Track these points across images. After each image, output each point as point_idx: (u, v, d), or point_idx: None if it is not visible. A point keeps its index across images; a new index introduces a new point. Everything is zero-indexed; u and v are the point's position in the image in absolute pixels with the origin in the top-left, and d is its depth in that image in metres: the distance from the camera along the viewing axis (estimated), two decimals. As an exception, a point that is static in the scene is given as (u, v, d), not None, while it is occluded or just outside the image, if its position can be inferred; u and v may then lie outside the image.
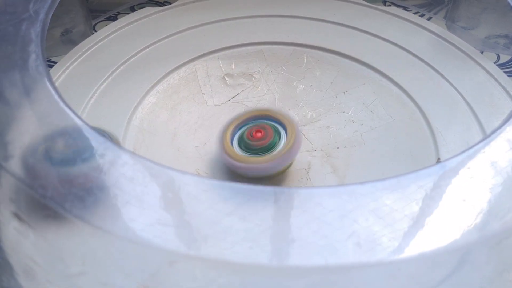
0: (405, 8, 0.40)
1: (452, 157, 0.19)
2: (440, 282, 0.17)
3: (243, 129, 0.28)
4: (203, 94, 0.34)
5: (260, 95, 0.34)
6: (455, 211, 0.17)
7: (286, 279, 0.17)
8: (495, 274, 0.18)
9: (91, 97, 0.32)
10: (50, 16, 0.24)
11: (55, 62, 0.34)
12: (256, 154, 0.27)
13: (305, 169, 0.30)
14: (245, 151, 0.27)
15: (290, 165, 0.29)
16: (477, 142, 0.20)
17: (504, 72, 0.33)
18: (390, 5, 0.40)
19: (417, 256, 0.16)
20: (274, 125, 0.28)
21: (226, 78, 0.35)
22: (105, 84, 0.33)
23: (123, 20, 0.37)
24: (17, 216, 0.18)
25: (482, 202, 0.18)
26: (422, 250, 0.16)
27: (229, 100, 0.34)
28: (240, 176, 0.28)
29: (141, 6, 0.40)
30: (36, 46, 0.22)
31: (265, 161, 0.26)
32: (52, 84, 0.20)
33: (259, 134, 0.27)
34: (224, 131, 0.28)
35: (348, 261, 0.16)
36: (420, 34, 0.36)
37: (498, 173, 0.19)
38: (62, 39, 0.36)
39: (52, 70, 0.33)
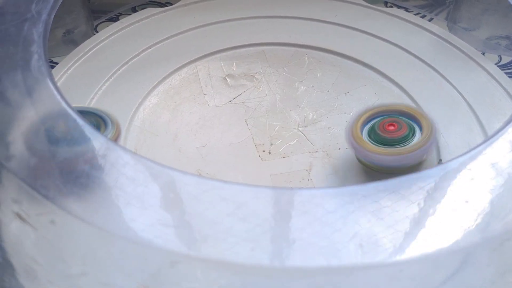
0: (406, 9, 0.40)
1: (454, 159, 0.19)
2: (442, 283, 0.17)
3: (374, 121, 0.28)
4: (205, 94, 0.34)
5: (262, 96, 0.34)
6: (457, 213, 0.17)
7: (287, 280, 0.17)
8: (497, 276, 0.18)
9: (93, 98, 0.32)
10: (52, 16, 0.24)
11: (57, 63, 0.34)
12: (387, 146, 0.27)
13: (306, 170, 0.30)
14: (375, 143, 0.27)
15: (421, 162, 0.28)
16: (479, 144, 0.20)
17: (506, 73, 0.33)
18: (391, 6, 0.40)
19: (419, 257, 0.16)
20: (407, 121, 0.28)
21: (228, 79, 0.35)
22: (106, 84, 0.33)
23: (124, 21, 0.37)
24: (18, 216, 0.18)
25: (484, 203, 0.18)
26: (423, 252, 0.16)
27: (230, 101, 0.34)
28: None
29: (143, 7, 0.40)
30: (38, 46, 0.22)
31: (403, 152, 0.26)
32: (54, 84, 0.20)
33: (391, 127, 0.27)
34: (355, 123, 0.27)
35: (350, 262, 0.16)
36: (421, 35, 0.36)
37: (499, 174, 0.19)
38: (64, 39, 0.36)
39: (53, 71, 0.33)
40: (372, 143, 0.27)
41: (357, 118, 0.28)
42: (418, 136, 0.27)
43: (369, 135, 0.27)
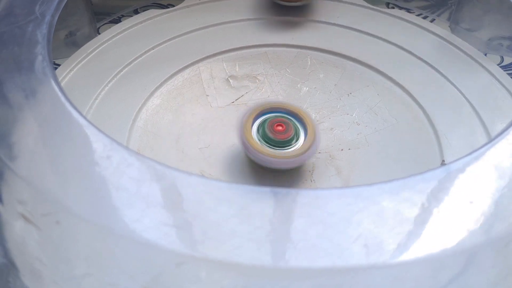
0: (408, 10, 0.40)
1: (457, 160, 0.19)
2: (446, 284, 0.17)
3: (262, 118, 0.29)
4: (207, 96, 0.34)
5: (264, 97, 0.34)
6: (461, 214, 0.17)
7: (291, 281, 0.17)
8: (501, 277, 0.18)
9: (96, 99, 0.32)
10: (56, 18, 0.24)
11: (59, 65, 0.34)
12: (276, 147, 0.28)
13: (309, 171, 0.30)
14: (264, 142, 0.28)
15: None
16: (482, 145, 0.20)
17: (508, 74, 0.33)
18: (393, 7, 0.40)
19: (423, 258, 0.16)
20: (292, 120, 0.29)
21: (230, 80, 0.35)
22: (109, 86, 0.33)
23: (127, 23, 0.37)
24: (23, 216, 0.18)
25: (488, 204, 0.18)
26: (428, 252, 0.16)
27: (233, 102, 0.34)
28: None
29: (145, 8, 0.40)
30: (42, 48, 0.22)
31: (295, 154, 0.27)
32: (59, 85, 0.20)
33: (280, 128, 0.28)
34: (245, 121, 0.28)
35: (354, 263, 0.16)
36: (423, 36, 0.36)
37: (503, 175, 0.19)
38: (66, 41, 0.36)
39: (56, 72, 0.33)
40: (260, 140, 0.28)
41: (250, 112, 0.29)
42: (301, 141, 0.28)
43: (257, 130, 0.28)
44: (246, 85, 0.35)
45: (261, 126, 0.28)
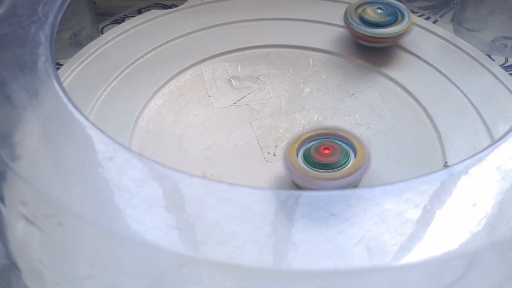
0: (411, 11, 0.40)
1: (460, 162, 0.19)
2: (448, 287, 0.17)
3: (308, 145, 0.27)
4: (209, 96, 0.34)
5: (266, 98, 0.34)
6: (463, 216, 0.17)
7: (292, 283, 0.17)
8: (504, 280, 0.18)
9: (98, 99, 0.32)
10: (59, 19, 0.24)
11: (62, 64, 0.34)
12: (321, 170, 0.26)
13: (311, 172, 0.29)
14: (310, 167, 0.26)
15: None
16: (485, 147, 0.19)
17: (511, 75, 0.33)
18: (396, 8, 0.40)
19: (425, 260, 0.16)
20: (341, 145, 0.27)
21: (232, 81, 0.35)
22: (111, 86, 0.33)
23: (129, 23, 0.37)
24: (25, 217, 0.18)
25: (491, 206, 0.18)
26: (430, 255, 0.16)
27: (235, 103, 0.34)
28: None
29: (148, 9, 0.40)
30: (45, 48, 0.22)
31: (336, 177, 0.25)
32: (61, 86, 0.21)
33: (326, 151, 0.26)
34: (290, 146, 0.27)
35: (356, 265, 0.16)
36: (426, 37, 0.36)
37: (506, 177, 0.18)
38: (70, 41, 0.36)
39: (59, 72, 0.33)
40: (307, 166, 0.26)
41: (292, 142, 0.27)
42: (352, 161, 0.26)
43: (304, 158, 0.26)
44: (248, 86, 0.35)
45: (307, 151, 0.26)
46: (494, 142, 0.20)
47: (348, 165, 0.26)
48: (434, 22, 0.39)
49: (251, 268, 0.16)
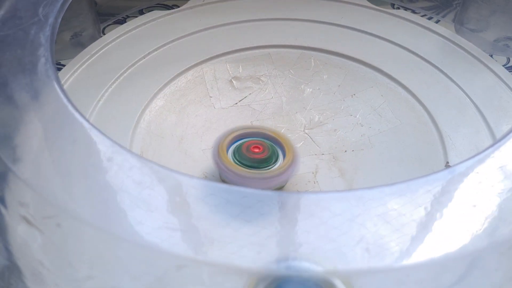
0: (413, 11, 0.40)
1: (461, 162, 0.19)
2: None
3: (238, 143, 0.27)
4: (211, 97, 0.34)
5: (268, 98, 0.34)
6: (464, 216, 0.17)
7: (293, 285, 0.17)
8: (505, 281, 0.18)
9: (99, 100, 0.32)
10: (59, 20, 0.24)
11: (64, 65, 0.34)
12: (252, 168, 0.26)
13: (313, 173, 0.29)
14: (241, 164, 0.26)
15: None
16: (487, 147, 0.19)
17: (514, 75, 0.33)
18: (398, 8, 0.40)
19: (426, 261, 0.16)
20: (270, 143, 0.27)
21: (234, 81, 0.35)
22: (113, 86, 0.33)
23: (131, 23, 0.37)
24: (25, 219, 0.18)
25: (492, 207, 0.17)
26: (430, 256, 0.16)
27: (236, 103, 0.34)
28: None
29: (150, 9, 0.40)
30: (45, 50, 0.22)
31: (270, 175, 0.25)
32: (61, 88, 0.21)
33: (256, 150, 0.27)
34: (220, 144, 0.27)
35: (356, 266, 0.16)
36: (428, 37, 0.36)
37: (508, 177, 0.18)
38: (72, 42, 0.36)
39: (60, 73, 0.33)
40: (237, 163, 0.26)
41: (223, 138, 0.27)
42: (280, 161, 0.26)
43: (234, 155, 0.27)
44: (250, 86, 0.35)
45: (237, 150, 0.27)
46: (496, 141, 0.20)
47: (276, 165, 0.26)
48: (437, 22, 0.39)
49: (251, 269, 0.16)
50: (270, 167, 0.26)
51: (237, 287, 0.17)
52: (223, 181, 0.28)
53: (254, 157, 0.26)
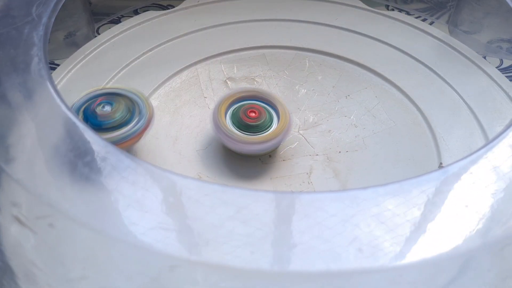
0: (407, 13, 0.40)
1: (455, 162, 0.19)
2: (442, 288, 0.17)
3: (235, 106, 0.30)
4: (205, 97, 0.34)
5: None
6: (458, 217, 0.17)
7: (287, 284, 0.17)
8: (498, 281, 0.18)
9: (94, 100, 0.32)
10: (53, 20, 0.24)
11: (58, 65, 0.34)
12: (250, 132, 0.29)
13: (307, 173, 0.29)
14: (238, 129, 0.29)
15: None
16: (480, 148, 0.19)
17: (507, 77, 0.33)
18: (392, 10, 0.40)
19: (419, 262, 0.16)
20: (265, 106, 0.30)
21: (228, 82, 0.35)
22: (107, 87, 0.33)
23: (126, 23, 0.37)
24: (17, 219, 0.18)
25: (485, 207, 0.18)
26: (424, 256, 0.16)
27: (231, 104, 0.34)
28: (233, 152, 0.30)
29: (144, 9, 0.40)
30: (38, 49, 0.22)
31: (265, 139, 0.28)
32: (54, 87, 0.20)
33: (253, 114, 0.29)
34: (218, 109, 0.29)
35: (350, 266, 0.16)
36: (422, 39, 0.36)
37: (500, 178, 0.18)
38: (66, 42, 0.36)
39: (54, 73, 0.33)
40: (235, 129, 0.29)
41: (220, 103, 0.29)
42: (275, 123, 0.29)
43: (231, 119, 0.29)
44: (244, 87, 0.35)
45: (235, 113, 0.29)
46: (489, 142, 0.20)
47: (271, 129, 0.29)
48: (431, 23, 0.39)
49: (246, 270, 0.16)
50: (264, 132, 0.29)
51: (231, 287, 0.17)
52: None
53: (250, 122, 0.29)
